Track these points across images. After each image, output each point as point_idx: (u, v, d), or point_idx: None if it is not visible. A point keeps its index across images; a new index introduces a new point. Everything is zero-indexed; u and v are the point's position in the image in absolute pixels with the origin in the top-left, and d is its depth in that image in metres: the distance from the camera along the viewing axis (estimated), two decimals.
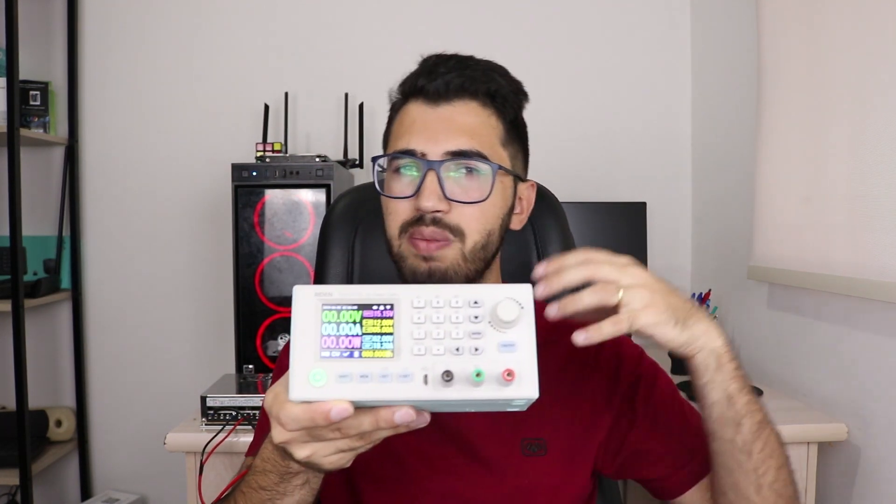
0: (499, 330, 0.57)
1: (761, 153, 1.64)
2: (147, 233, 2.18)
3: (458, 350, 0.57)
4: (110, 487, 2.20)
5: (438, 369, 0.56)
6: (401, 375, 0.56)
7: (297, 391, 0.55)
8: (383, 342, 0.57)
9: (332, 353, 0.56)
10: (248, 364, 1.70)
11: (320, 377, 0.55)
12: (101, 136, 2.17)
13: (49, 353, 2.18)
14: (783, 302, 1.68)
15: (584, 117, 2.21)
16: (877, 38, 1.29)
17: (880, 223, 1.28)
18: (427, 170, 0.78)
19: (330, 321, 0.57)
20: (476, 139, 0.80)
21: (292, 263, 1.74)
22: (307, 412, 0.55)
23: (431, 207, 0.77)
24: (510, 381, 0.56)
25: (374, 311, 0.58)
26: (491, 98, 0.82)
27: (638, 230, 2.03)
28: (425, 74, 0.81)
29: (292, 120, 2.16)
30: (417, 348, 0.57)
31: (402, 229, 0.81)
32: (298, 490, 0.67)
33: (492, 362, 0.56)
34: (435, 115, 0.80)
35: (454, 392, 0.56)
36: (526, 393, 0.56)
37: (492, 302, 0.58)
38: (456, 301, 0.58)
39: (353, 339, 0.57)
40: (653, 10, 2.21)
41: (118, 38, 2.16)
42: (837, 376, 1.46)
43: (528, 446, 0.84)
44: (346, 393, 0.55)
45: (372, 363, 0.56)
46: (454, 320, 0.58)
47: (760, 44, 1.65)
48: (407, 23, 2.18)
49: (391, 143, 0.84)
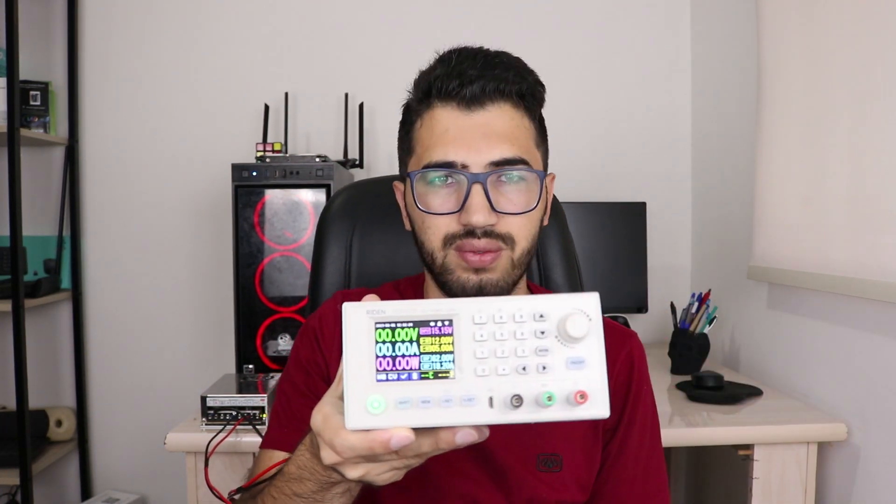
0: (566, 345, 0.54)
1: (761, 153, 1.64)
2: (147, 233, 2.18)
3: (524, 369, 0.53)
4: (110, 487, 2.20)
5: (505, 391, 0.53)
6: (464, 399, 0.53)
7: (355, 420, 0.52)
8: (443, 362, 0.53)
9: (388, 375, 0.53)
10: (248, 364, 1.70)
11: (379, 404, 0.52)
12: (101, 136, 2.17)
13: (49, 353, 2.18)
14: (783, 302, 1.68)
15: (584, 117, 2.21)
16: (877, 38, 1.29)
17: (880, 223, 1.28)
18: (472, 183, 0.75)
19: (384, 341, 0.54)
20: (517, 145, 0.77)
21: (292, 263, 1.74)
22: (365, 441, 0.52)
23: (483, 222, 0.75)
24: (582, 403, 0.53)
25: (432, 328, 0.54)
26: (521, 98, 0.80)
27: (638, 230, 2.03)
28: (454, 76, 0.77)
29: (292, 120, 2.16)
30: (481, 368, 0.53)
31: (445, 241, 0.78)
32: (338, 498, 0.64)
33: (561, 381, 0.53)
34: (470, 122, 0.77)
35: (522, 415, 0.53)
36: (598, 412, 0.53)
37: (558, 315, 0.54)
38: (520, 315, 0.54)
39: (411, 359, 0.53)
40: (653, 10, 2.21)
41: (118, 38, 2.17)
42: (837, 376, 1.46)
43: (543, 461, 0.84)
44: (407, 420, 0.52)
45: (433, 386, 0.53)
46: (519, 336, 0.54)
47: (760, 44, 1.65)
48: (407, 23, 2.18)
49: (421, 154, 0.79)
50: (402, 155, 0.85)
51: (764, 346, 1.75)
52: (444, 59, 0.80)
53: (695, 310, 1.80)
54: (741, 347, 1.86)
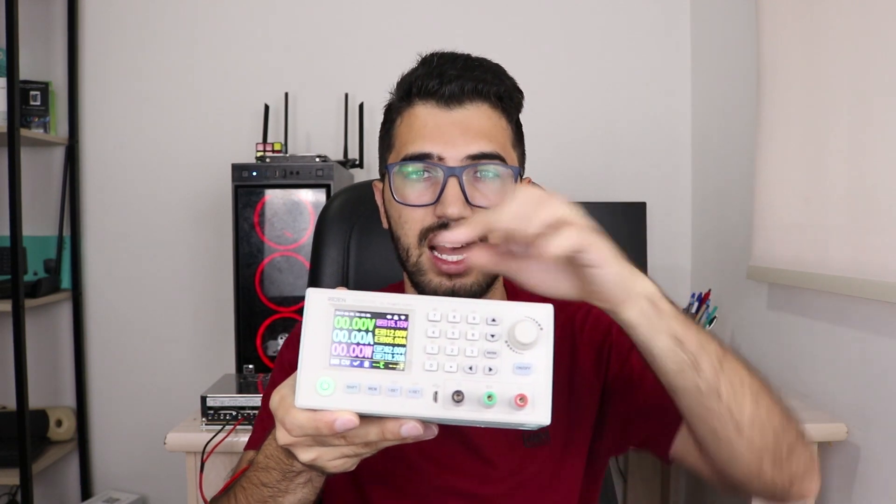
0: (515, 351, 0.56)
1: (761, 153, 1.64)
2: (147, 233, 2.18)
3: (471, 369, 0.55)
4: (110, 487, 2.20)
5: (449, 388, 0.54)
6: (410, 391, 0.54)
7: (304, 398, 0.54)
8: (395, 354, 0.55)
9: (341, 360, 0.55)
10: (248, 364, 1.70)
11: (328, 386, 0.54)
12: (101, 136, 2.17)
13: (49, 353, 2.18)
14: (783, 302, 1.68)
15: (583, 117, 2.21)
16: (877, 38, 1.29)
17: (880, 223, 1.28)
18: (448, 175, 0.76)
19: (342, 328, 0.56)
20: (494, 142, 0.79)
21: (292, 263, 1.74)
22: (312, 420, 0.55)
23: (457, 214, 0.75)
24: (522, 407, 0.54)
25: (388, 321, 0.56)
26: (500, 100, 0.81)
27: (637, 230, 2.03)
28: (435, 76, 0.79)
29: (292, 120, 2.16)
30: (430, 363, 0.55)
31: (421, 236, 0.79)
32: (301, 488, 0.66)
33: (505, 384, 0.55)
34: (449, 118, 0.79)
35: (463, 412, 0.54)
36: (537, 419, 0.55)
37: (510, 321, 0.56)
38: (473, 317, 0.56)
39: (365, 347, 0.55)
40: (652, 10, 2.20)
41: (118, 38, 2.17)
42: (837, 376, 1.46)
43: (529, 437, 0.85)
44: (353, 404, 0.54)
45: (382, 375, 0.55)
46: (470, 337, 0.56)
47: (760, 43, 1.65)
48: (407, 23, 2.18)
49: (400, 148, 0.81)
50: (383, 152, 0.87)
51: (764, 346, 1.75)
52: (425, 61, 0.82)
53: (695, 310, 1.80)
54: (741, 347, 1.86)
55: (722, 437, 0.65)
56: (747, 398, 0.65)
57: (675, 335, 0.62)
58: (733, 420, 0.64)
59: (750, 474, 0.67)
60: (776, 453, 0.67)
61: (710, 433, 0.66)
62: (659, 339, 0.62)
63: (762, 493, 0.71)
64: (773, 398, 0.68)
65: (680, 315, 0.63)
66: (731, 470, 0.68)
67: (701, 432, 0.68)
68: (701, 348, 0.63)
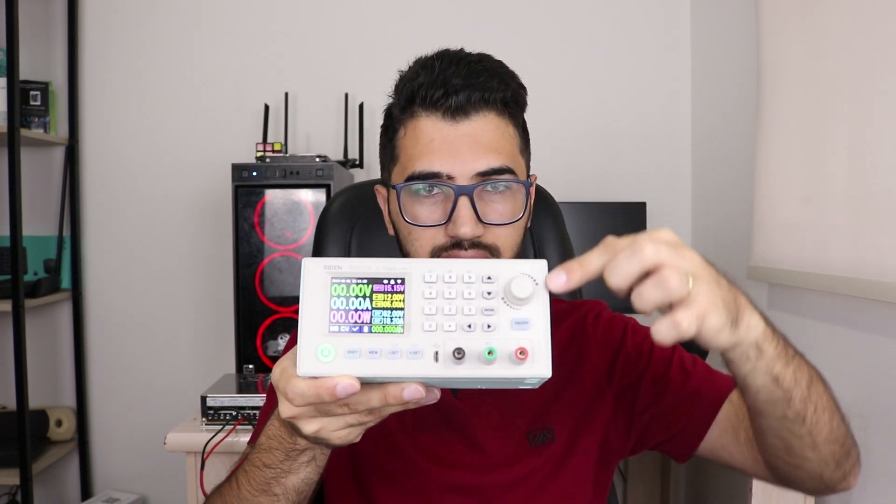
0: (512, 307, 0.56)
1: (761, 153, 1.64)
2: (147, 233, 2.18)
3: (470, 327, 0.55)
4: (110, 487, 2.20)
5: (449, 346, 0.55)
6: (411, 352, 0.55)
7: (305, 366, 0.55)
8: (393, 317, 0.56)
9: (340, 327, 0.56)
10: (248, 364, 1.71)
11: (328, 352, 0.55)
12: (101, 136, 2.18)
13: (49, 353, 2.18)
14: (783, 302, 1.68)
15: (583, 117, 2.21)
16: (877, 38, 1.29)
17: (880, 223, 1.28)
18: (459, 195, 0.75)
19: (339, 295, 0.56)
20: (503, 154, 0.78)
21: (292, 263, 1.74)
22: (313, 388, 0.54)
23: (470, 234, 0.75)
24: (523, 360, 0.55)
25: (385, 286, 0.56)
26: (506, 105, 0.80)
27: (638, 230, 2.01)
28: (439, 85, 0.77)
29: (292, 120, 2.16)
30: (428, 324, 0.55)
31: (433, 254, 0.78)
32: (304, 468, 0.66)
33: (504, 340, 0.55)
34: (456, 132, 0.77)
35: (465, 370, 0.55)
36: (539, 372, 0.55)
37: (506, 277, 0.56)
38: (469, 276, 0.56)
39: (363, 313, 0.56)
40: (652, 9, 2.20)
41: (118, 38, 2.17)
42: (837, 376, 1.45)
43: (535, 437, 0.85)
44: (354, 369, 0.54)
45: (381, 339, 0.55)
46: (466, 296, 0.56)
47: (760, 43, 1.65)
48: (407, 23, 2.18)
49: (406, 163, 0.79)
50: (385, 161, 0.85)
51: None
52: (426, 66, 0.79)
53: None
54: None
55: (797, 452, 0.68)
56: (825, 418, 0.67)
57: (774, 375, 0.61)
58: (811, 439, 0.67)
59: (812, 479, 0.71)
60: (839, 460, 0.70)
61: (784, 449, 0.69)
62: (757, 378, 0.61)
63: (814, 489, 0.74)
64: (841, 411, 0.70)
65: (782, 354, 0.61)
66: (794, 474, 0.72)
67: (773, 445, 0.70)
68: (796, 384, 0.63)
